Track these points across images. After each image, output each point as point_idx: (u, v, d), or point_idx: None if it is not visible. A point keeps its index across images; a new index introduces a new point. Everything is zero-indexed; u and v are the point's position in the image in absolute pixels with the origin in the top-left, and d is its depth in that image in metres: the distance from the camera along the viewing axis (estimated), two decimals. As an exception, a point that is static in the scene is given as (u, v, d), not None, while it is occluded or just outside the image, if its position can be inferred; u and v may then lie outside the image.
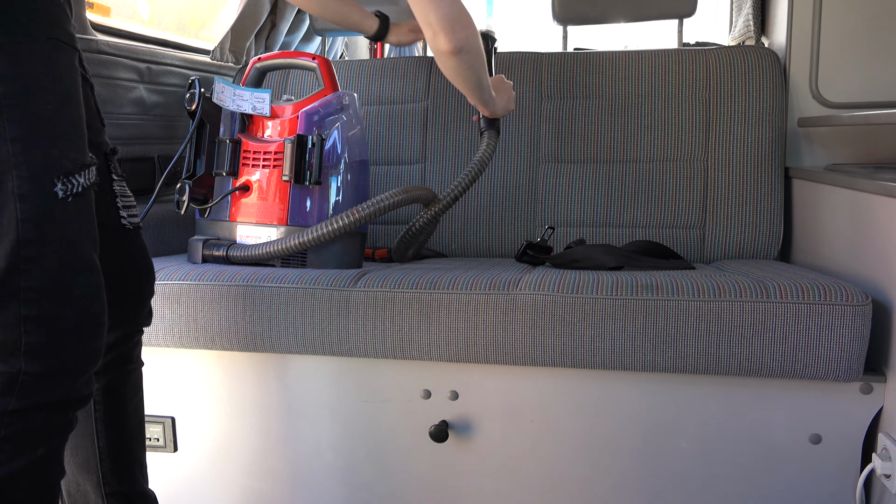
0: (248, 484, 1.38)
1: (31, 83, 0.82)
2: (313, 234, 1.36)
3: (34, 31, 0.83)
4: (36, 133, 0.82)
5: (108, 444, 1.09)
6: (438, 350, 1.24)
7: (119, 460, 1.10)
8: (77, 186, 0.85)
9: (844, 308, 1.12)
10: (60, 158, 0.83)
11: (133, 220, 1.09)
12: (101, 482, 1.09)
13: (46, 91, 0.83)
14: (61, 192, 0.83)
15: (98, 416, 1.09)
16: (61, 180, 0.83)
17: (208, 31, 2.32)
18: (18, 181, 0.80)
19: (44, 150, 0.82)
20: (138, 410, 1.15)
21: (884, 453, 1.13)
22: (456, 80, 1.36)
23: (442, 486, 1.31)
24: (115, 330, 1.08)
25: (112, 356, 1.09)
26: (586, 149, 1.76)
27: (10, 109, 0.80)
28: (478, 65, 1.35)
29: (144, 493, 1.15)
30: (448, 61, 1.30)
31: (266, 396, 1.35)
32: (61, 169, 0.83)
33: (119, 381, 1.11)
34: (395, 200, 1.39)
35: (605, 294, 1.18)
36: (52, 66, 0.84)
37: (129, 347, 1.12)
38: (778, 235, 1.65)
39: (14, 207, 0.80)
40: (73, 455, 1.09)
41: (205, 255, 1.44)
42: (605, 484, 1.26)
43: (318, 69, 1.50)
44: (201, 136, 1.48)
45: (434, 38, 1.27)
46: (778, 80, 1.70)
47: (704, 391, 1.22)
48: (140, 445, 1.15)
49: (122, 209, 1.07)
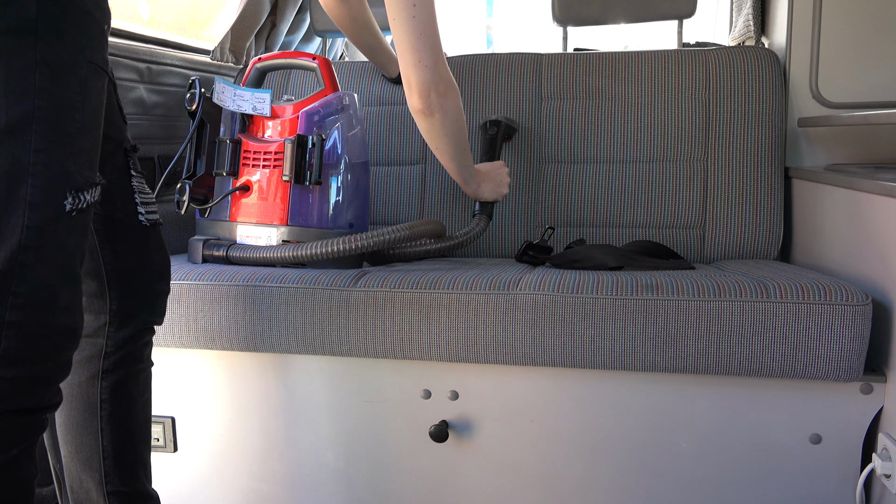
0: (248, 484, 1.38)
1: (65, 101, 0.85)
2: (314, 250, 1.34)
3: (78, 55, 0.87)
4: (59, 148, 0.84)
5: (112, 442, 1.09)
6: (438, 350, 1.24)
7: (122, 460, 1.10)
8: (83, 202, 0.87)
9: (844, 308, 1.12)
10: (74, 174, 0.86)
11: (151, 217, 1.10)
12: (104, 480, 1.09)
13: (76, 110, 0.86)
14: (69, 206, 0.85)
15: (103, 415, 1.09)
16: (72, 194, 0.85)
17: (208, 31, 2.32)
18: (32, 189, 0.82)
19: (62, 165, 0.85)
20: (145, 410, 1.15)
21: (884, 453, 1.13)
22: (431, 143, 1.38)
23: (442, 486, 1.31)
24: (126, 326, 1.09)
25: (122, 354, 1.09)
26: (586, 149, 1.76)
27: (39, 122, 0.83)
28: (453, 133, 1.36)
29: (147, 494, 1.14)
30: (420, 121, 1.33)
31: (266, 396, 1.35)
32: (73, 184, 0.86)
33: (127, 380, 1.11)
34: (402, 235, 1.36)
35: (605, 294, 1.18)
36: (86, 88, 0.88)
37: (139, 346, 1.12)
38: (778, 235, 1.65)
39: (23, 214, 0.82)
40: (76, 452, 1.10)
41: (205, 255, 1.44)
42: (605, 484, 1.26)
43: (319, 69, 1.50)
44: (201, 136, 1.48)
45: (409, 94, 1.30)
46: (778, 80, 1.70)
47: (704, 391, 1.22)
48: (145, 446, 1.14)
49: (140, 205, 1.09)
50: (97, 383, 1.08)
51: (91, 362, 1.08)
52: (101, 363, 1.08)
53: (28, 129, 0.82)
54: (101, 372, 1.08)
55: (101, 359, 1.08)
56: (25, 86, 0.82)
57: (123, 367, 1.10)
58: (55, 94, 0.84)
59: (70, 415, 1.09)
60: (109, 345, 1.08)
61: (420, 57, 1.25)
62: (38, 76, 0.82)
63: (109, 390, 1.09)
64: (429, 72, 1.27)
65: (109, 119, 1.05)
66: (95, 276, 1.07)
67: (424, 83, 1.27)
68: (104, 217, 1.07)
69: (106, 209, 1.06)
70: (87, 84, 0.88)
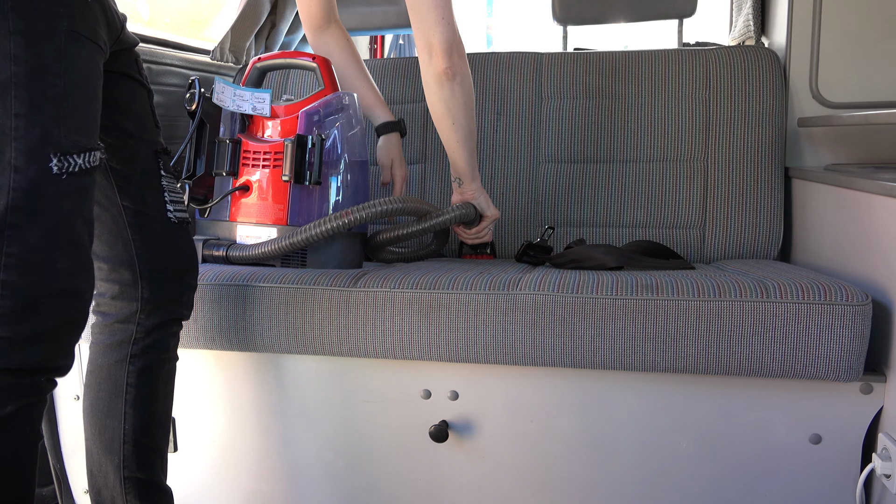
0: (248, 484, 1.38)
1: (41, 67, 0.88)
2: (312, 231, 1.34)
3: (54, 24, 0.90)
4: (39, 112, 0.88)
5: (134, 427, 1.14)
6: (438, 350, 1.24)
7: (141, 445, 1.14)
8: (74, 166, 0.90)
9: (844, 308, 1.12)
10: (60, 137, 0.89)
11: (179, 215, 1.17)
12: (122, 465, 1.13)
13: (55, 75, 0.89)
14: (56, 168, 0.88)
15: (128, 398, 1.14)
16: (58, 157, 0.88)
17: (208, 31, 2.32)
18: (16, 153, 0.86)
19: (44, 128, 0.88)
20: (166, 402, 1.20)
21: (884, 453, 1.13)
22: (448, 116, 1.36)
23: (442, 487, 1.31)
24: (155, 314, 1.15)
25: (149, 341, 1.15)
26: (586, 149, 1.76)
27: (17, 88, 0.87)
28: (470, 106, 1.36)
29: (162, 487, 1.18)
30: (442, 86, 1.32)
31: (266, 396, 1.35)
32: (59, 147, 0.89)
33: (153, 367, 1.16)
34: (394, 208, 1.36)
35: (605, 294, 1.18)
36: (66, 55, 0.91)
37: (166, 336, 1.17)
38: (778, 235, 1.65)
39: (8, 176, 0.86)
40: (99, 434, 1.14)
41: (205, 255, 1.44)
42: (605, 484, 1.26)
43: (318, 69, 1.50)
44: (201, 136, 1.48)
45: (430, 60, 1.31)
46: (778, 80, 1.70)
47: (704, 391, 1.22)
48: (164, 436, 1.19)
49: (169, 203, 1.15)
50: (125, 366, 1.14)
51: (121, 346, 1.14)
52: (131, 348, 1.14)
53: (7, 94, 0.86)
54: (130, 356, 1.14)
55: (131, 344, 1.14)
56: (2, 55, 0.86)
57: (151, 354, 1.15)
58: (31, 60, 0.87)
59: (98, 396, 1.15)
60: (139, 331, 1.14)
61: (443, 14, 1.28)
62: (12, 44, 0.86)
63: (136, 374, 1.14)
64: (451, 29, 1.29)
65: (142, 123, 1.14)
66: (129, 266, 1.13)
67: (447, 41, 1.29)
68: (136, 212, 1.13)
69: (137, 205, 1.13)
70: (66, 51, 0.91)
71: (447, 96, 1.33)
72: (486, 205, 1.50)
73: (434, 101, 1.36)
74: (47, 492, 1.46)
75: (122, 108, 1.12)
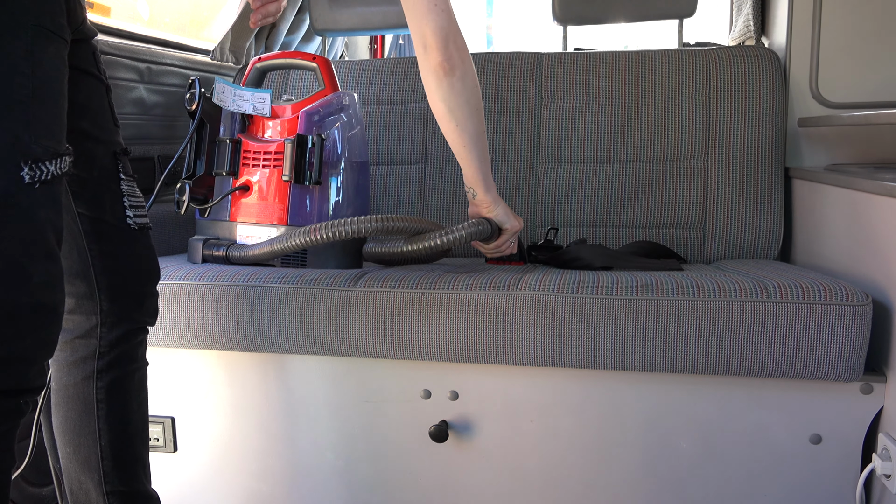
0: (248, 484, 1.38)
1: (8, 68, 0.82)
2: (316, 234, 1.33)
3: (19, 19, 0.83)
4: (7, 117, 0.81)
5: (110, 442, 1.09)
6: (438, 350, 1.24)
7: (121, 459, 1.10)
8: (46, 174, 0.84)
9: (844, 308, 1.12)
10: (30, 144, 0.83)
11: (139, 221, 1.09)
12: (103, 481, 1.09)
13: (24, 76, 0.83)
14: (28, 178, 0.82)
15: (100, 415, 1.08)
16: (29, 165, 0.82)
17: (208, 31, 2.32)
18: None
19: (14, 134, 0.81)
20: (142, 410, 1.15)
21: (884, 453, 1.13)
22: (450, 115, 1.21)
23: (442, 486, 1.31)
24: (118, 327, 1.09)
25: (115, 354, 1.09)
26: (586, 149, 1.76)
27: None
28: (474, 102, 1.22)
29: (147, 494, 1.14)
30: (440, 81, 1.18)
31: (266, 396, 1.35)
32: (30, 154, 0.82)
33: (122, 379, 1.11)
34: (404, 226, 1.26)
35: (605, 294, 1.18)
36: (33, 54, 0.84)
37: (132, 346, 1.12)
38: (778, 235, 1.65)
39: None
40: (75, 453, 1.09)
41: (205, 255, 1.44)
42: (606, 484, 1.26)
43: (318, 69, 1.50)
44: (201, 136, 1.48)
45: (425, 53, 1.18)
46: (778, 80, 1.70)
47: (704, 391, 1.22)
48: (143, 445, 1.14)
49: (129, 209, 1.08)
50: (93, 383, 1.08)
51: (86, 363, 1.08)
52: (96, 363, 1.08)
53: None
54: (96, 372, 1.08)
55: (96, 359, 1.08)
56: None
57: (118, 367, 1.10)
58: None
59: (67, 416, 1.09)
60: (103, 345, 1.08)
61: (435, 1, 1.16)
62: None
63: (105, 390, 1.09)
64: (445, 16, 1.16)
65: (99, 122, 1.05)
66: (84, 277, 1.06)
67: (441, 29, 1.16)
68: (92, 219, 1.06)
69: (94, 211, 1.06)
70: (33, 49, 0.84)
71: (446, 94, 1.19)
72: (506, 216, 1.31)
73: (434, 101, 1.22)
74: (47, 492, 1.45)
75: (79, 106, 1.02)
